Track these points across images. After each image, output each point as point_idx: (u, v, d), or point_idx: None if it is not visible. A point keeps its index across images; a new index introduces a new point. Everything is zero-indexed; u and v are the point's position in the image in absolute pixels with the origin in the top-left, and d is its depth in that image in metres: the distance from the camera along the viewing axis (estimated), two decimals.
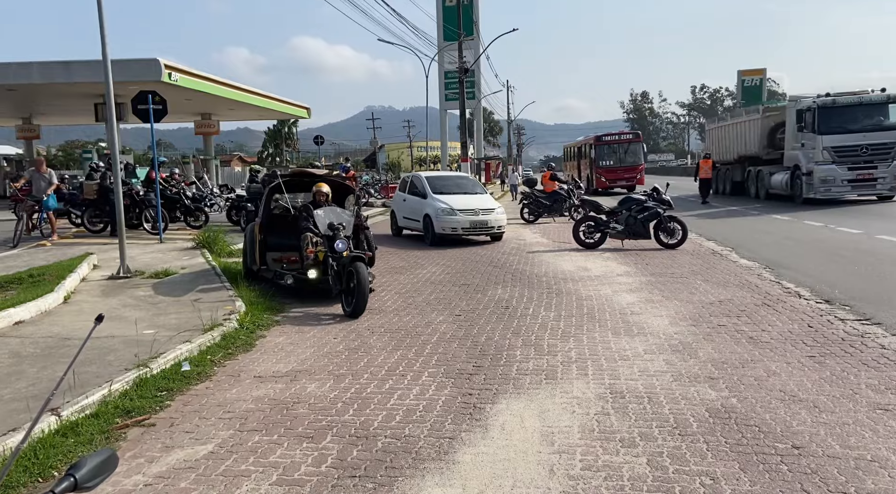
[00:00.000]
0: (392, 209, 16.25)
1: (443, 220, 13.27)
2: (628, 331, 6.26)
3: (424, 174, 15.74)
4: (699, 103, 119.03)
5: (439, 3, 42.09)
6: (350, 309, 7.14)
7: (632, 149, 31.91)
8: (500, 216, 13.59)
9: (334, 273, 7.51)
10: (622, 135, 33.91)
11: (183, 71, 20.19)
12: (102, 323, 1.54)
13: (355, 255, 7.38)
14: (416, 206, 14.30)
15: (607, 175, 31.43)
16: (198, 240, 12.04)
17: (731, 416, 4.11)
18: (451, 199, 13.67)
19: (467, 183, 15.61)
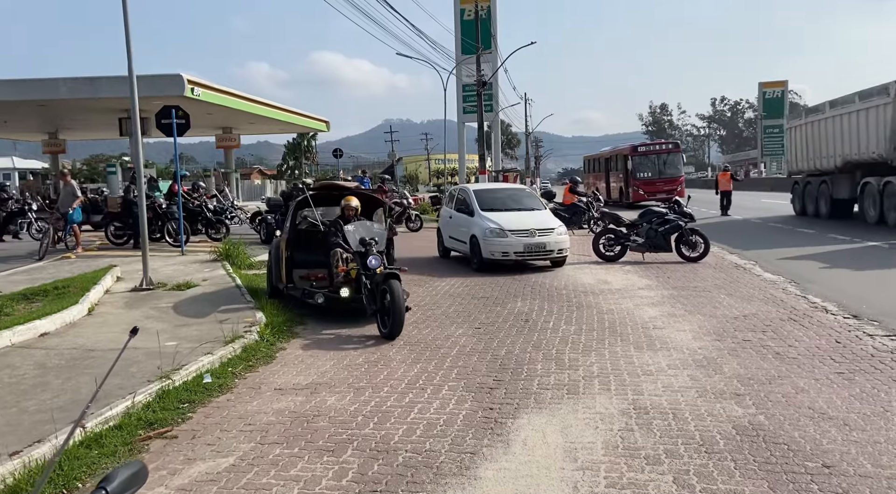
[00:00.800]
0: (438, 227, 14.21)
1: (491, 243, 11.14)
2: (651, 346, 6.18)
3: (473, 186, 13.72)
4: (719, 115, 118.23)
5: (457, 18, 42.35)
6: (387, 331, 6.70)
7: (671, 159, 29.94)
8: (561, 237, 11.41)
9: (368, 291, 7.08)
10: (660, 144, 31.85)
11: (205, 85, 20.53)
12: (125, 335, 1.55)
13: (389, 272, 6.93)
14: (463, 225, 12.27)
15: (645, 187, 29.28)
16: (218, 253, 12.15)
17: (759, 434, 4.02)
18: (501, 217, 11.50)
19: (522, 197, 13.26)
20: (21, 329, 6.75)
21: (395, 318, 6.63)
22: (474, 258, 11.57)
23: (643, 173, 29.62)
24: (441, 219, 14.29)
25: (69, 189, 13.47)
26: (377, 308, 6.92)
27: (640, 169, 29.73)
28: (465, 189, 13.27)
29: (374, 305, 6.98)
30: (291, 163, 71.49)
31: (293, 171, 68.54)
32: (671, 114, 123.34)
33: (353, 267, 7.45)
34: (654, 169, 29.69)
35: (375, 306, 6.95)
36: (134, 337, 1.56)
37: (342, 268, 7.55)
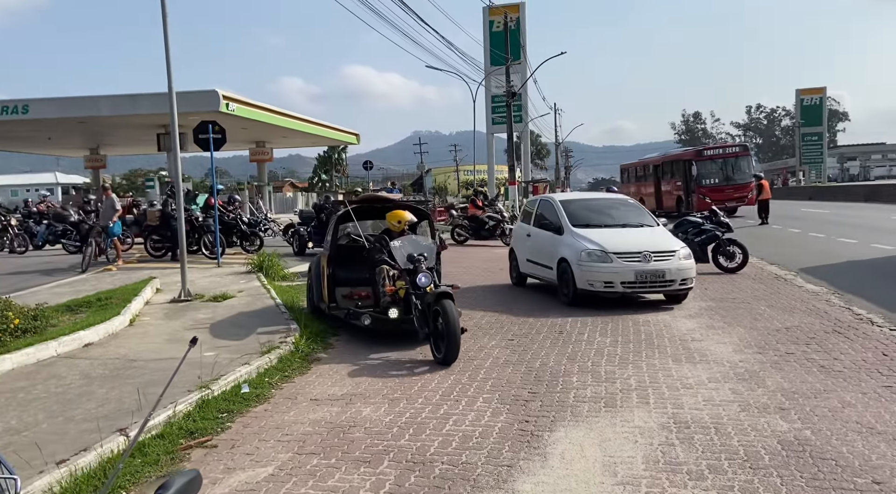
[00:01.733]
0: (510, 248, 11.74)
1: (590, 270, 8.57)
2: (690, 358, 6.06)
3: (559, 197, 11.18)
4: (755, 123, 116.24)
5: (486, 29, 42.56)
6: (441, 356, 6.12)
7: (739, 163, 27.44)
8: (685, 264, 8.62)
9: (419, 312, 6.51)
10: (727, 148, 29.28)
11: (239, 101, 20.96)
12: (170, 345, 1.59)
13: (442, 291, 6.35)
14: (547, 245, 9.75)
15: (712, 194, 26.01)
16: (253, 265, 12.34)
17: (806, 449, 3.91)
18: (601, 236, 8.97)
19: (626, 209, 10.39)
20: (66, 339, 6.94)
21: (451, 343, 6.03)
22: (564, 288, 9.04)
23: (710, 179, 26.93)
24: (515, 238, 11.66)
25: (109, 202, 13.85)
26: (430, 331, 6.35)
27: (705, 175, 27.10)
28: (548, 200, 10.74)
29: (426, 328, 6.41)
30: (323, 176, 72.42)
31: (324, 184, 69.40)
32: (705, 122, 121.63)
33: (402, 286, 6.87)
34: (722, 174, 27.11)
35: (428, 329, 6.37)
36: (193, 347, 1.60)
37: (390, 288, 6.99)
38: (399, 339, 7.01)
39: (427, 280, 6.60)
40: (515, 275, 11.24)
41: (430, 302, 6.33)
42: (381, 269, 7.22)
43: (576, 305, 8.73)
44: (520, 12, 42.72)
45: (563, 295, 9.15)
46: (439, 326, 6.18)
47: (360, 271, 7.89)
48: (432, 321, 6.29)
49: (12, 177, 78.80)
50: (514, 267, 11.26)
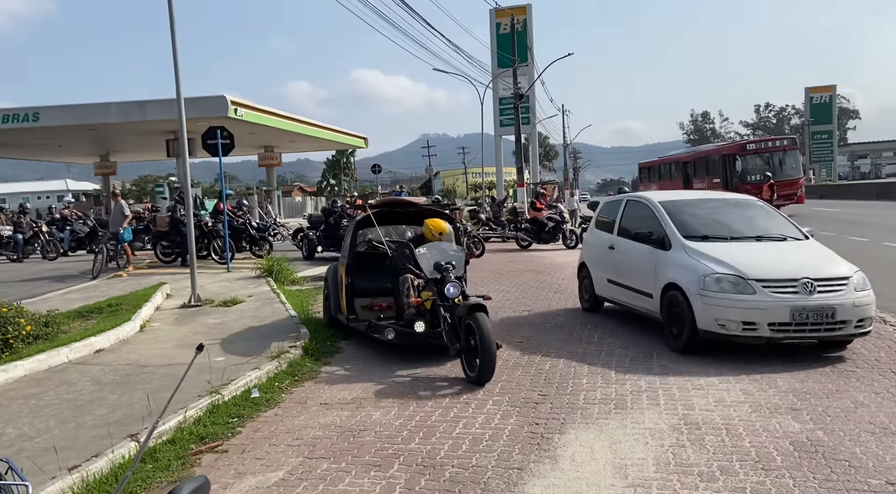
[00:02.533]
0: (581, 261, 9.03)
1: (718, 302, 5.97)
2: (701, 359, 6.02)
3: (657, 196, 7.88)
4: (764, 122, 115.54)
5: (493, 32, 42.61)
6: (475, 375, 5.56)
7: (788, 157, 25.40)
8: (861, 295, 6.00)
9: (449, 326, 5.95)
10: (774, 141, 27.12)
11: (248, 106, 21.06)
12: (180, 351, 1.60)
13: (475, 304, 5.77)
14: (643, 264, 7.09)
15: (758, 192, 25.85)
16: (263, 269, 12.39)
17: (818, 450, 3.88)
18: (732, 253, 6.39)
19: (756, 214, 7.55)
20: (77, 345, 6.99)
21: (486, 360, 5.46)
22: (674, 326, 6.37)
23: (755, 175, 24.55)
24: (588, 249, 8.99)
25: (119, 208, 13.94)
26: (462, 347, 5.77)
27: (750, 170, 24.83)
28: (641, 201, 7.81)
29: (457, 343, 5.83)
30: (331, 180, 72.68)
31: (333, 188, 69.64)
32: (713, 121, 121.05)
33: (428, 297, 6.31)
34: (769, 170, 24.86)
35: (459, 345, 5.80)
36: (199, 354, 1.61)
37: (416, 300, 6.41)
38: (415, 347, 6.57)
39: (456, 290, 6.06)
40: (588, 299, 8.63)
41: (461, 315, 5.77)
42: (406, 278, 6.71)
43: (689, 350, 6.13)
44: (526, 14, 42.78)
45: (670, 337, 6.47)
46: (472, 342, 5.62)
47: (380, 280, 7.37)
48: (464, 336, 5.74)
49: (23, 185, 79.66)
50: (585, 287, 8.70)
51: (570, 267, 12.07)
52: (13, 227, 18.61)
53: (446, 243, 6.86)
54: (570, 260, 14.69)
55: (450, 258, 6.44)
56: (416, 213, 7.80)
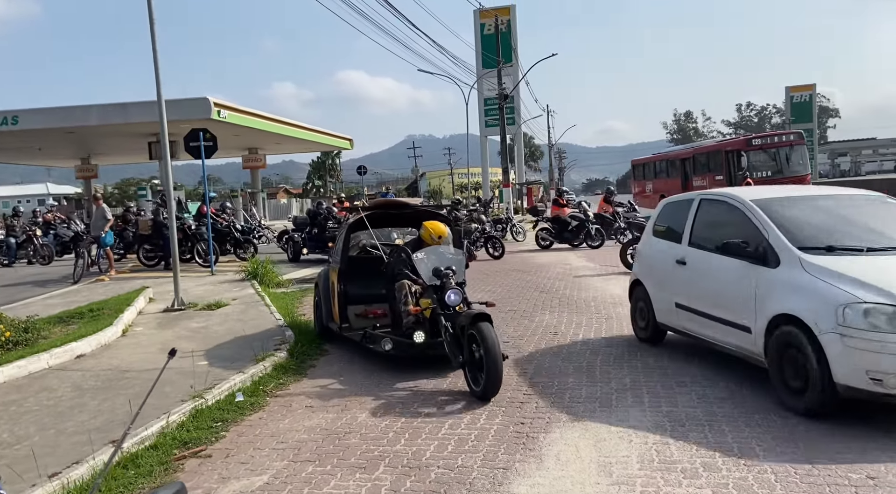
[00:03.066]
0: (636, 278, 7.10)
1: (871, 343, 4.02)
2: (686, 356, 6.07)
3: (749, 194, 5.84)
4: (746, 121, 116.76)
5: (478, 32, 42.71)
6: (480, 389, 5.15)
7: (794, 153, 24.18)
8: None
9: (451, 336, 5.55)
10: (780, 136, 25.60)
11: (231, 108, 20.94)
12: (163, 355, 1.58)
13: (479, 313, 5.39)
14: (731, 283, 5.28)
15: None
16: (247, 272, 12.31)
17: (800, 444, 3.92)
18: (877, 270, 4.42)
19: (887, 214, 5.52)
20: (58, 351, 6.90)
21: (492, 374, 5.07)
22: (795, 378, 4.46)
23: (761, 172, 23.37)
24: (642, 263, 7.10)
25: (100, 212, 13.79)
26: (465, 359, 5.36)
27: (756, 167, 23.53)
28: (727, 199, 5.83)
29: (460, 355, 5.42)
30: (317, 182, 72.43)
31: (318, 189, 69.40)
32: (696, 121, 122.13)
33: (428, 305, 5.94)
34: (775, 166, 23.71)
35: (462, 356, 5.39)
36: (172, 359, 1.59)
37: (415, 309, 6.02)
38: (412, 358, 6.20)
39: (457, 297, 5.70)
40: (645, 326, 6.77)
41: (463, 324, 5.39)
42: (403, 285, 6.29)
43: (824, 415, 4.32)
44: (510, 15, 42.92)
45: (783, 391, 4.60)
46: (476, 354, 5.23)
47: (374, 286, 6.98)
48: (467, 347, 5.34)
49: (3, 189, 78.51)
50: (641, 311, 6.85)
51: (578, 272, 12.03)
52: (6, 231, 18.34)
53: (445, 247, 6.41)
54: (583, 263, 14.78)
55: (449, 263, 6.04)
56: (412, 215, 7.49)
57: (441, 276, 5.85)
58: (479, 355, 5.19)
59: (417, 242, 6.59)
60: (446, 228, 6.57)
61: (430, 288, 5.93)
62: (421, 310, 5.97)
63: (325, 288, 7.41)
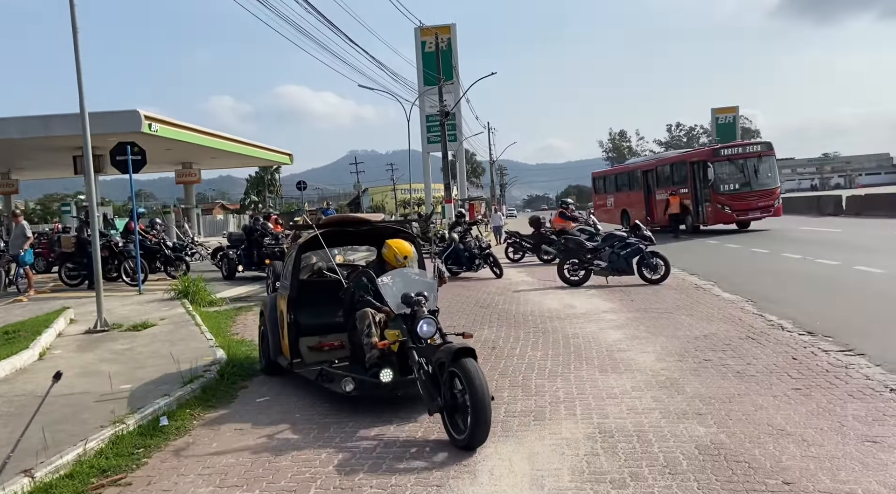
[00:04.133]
0: None
1: None
2: (615, 368, 6.21)
3: None
4: (675, 141, 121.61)
5: (419, 50, 43.03)
6: (464, 438, 4.36)
7: (763, 165, 23.00)
8: None
9: (426, 376, 4.77)
10: (749, 146, 24.16)
11: (163, 121, 20.31)
12: (83, 380, 1.50)
13: (461, 347, 4.60)
14: None
15: (733, 203, 22.46)
16: (178, 290, 11.89)
17: (721, 453, 4.05)
18: None
19: None
20: None
21: (479, 419, 4.30)
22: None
23: (728, 185, 22.66)
24: None
25: (20, 230, 13.09)
26: (443, 402, 4.58)
27: (724, 179, 22.65)
28: None
29: (438, 397, 4.62)
30: (255, 197, 71.01)
31: (257, 205, 68.03)
32: (630, 140, 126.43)
33: (396, 338, 5.14)
34: (742, 178, 22.73)
35: (442, 399, 4.60)
36: (58, 382, 1.51)
37: (382, 343, 5.18)
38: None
39: (431, 328, 4.97)
40: None
41: (442, 360, 4.64)
42: (365, 314, 5.49)
43: None
44: (451, 33, 43.47)
45: None
46: (458, 396, 4.51)
47: (329, 314, 6.28)
48: (447, 388, 4.60)
49: None
50: None
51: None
52: None
53: (411, 269, 5.75)
54: (522, 278, 14.85)
55: (420, 288, 5.28)
56: (371, 233, 6.68)
57: (412, 304, 5.10)
58: (461, 397, 4.46)
59: (380, 264, 5.89)
60: (411, 247, 5.91)
61: (399, 317, 5.16)
62: (389, 344, 5.15)
63: (273, 317, 6.57)
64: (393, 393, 5.22)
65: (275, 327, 6.52)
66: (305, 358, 6.23)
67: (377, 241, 6.39)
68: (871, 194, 30.70)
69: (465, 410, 4.39)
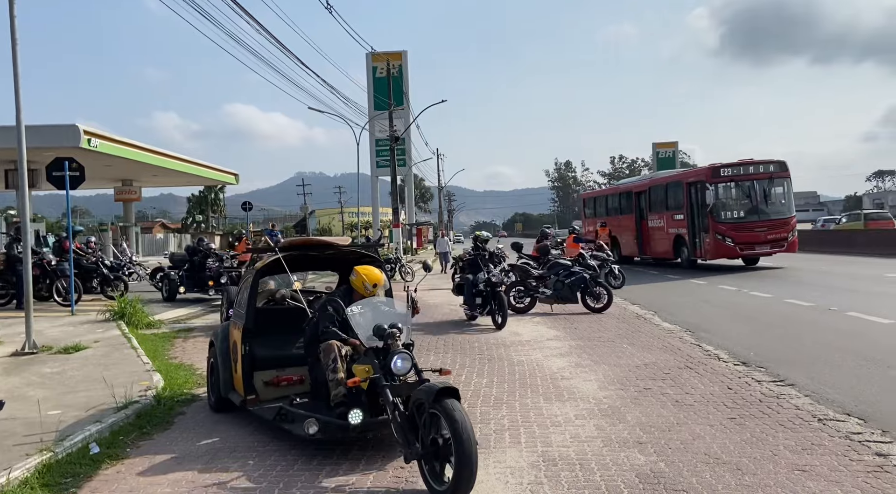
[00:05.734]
0: None
1: None
2: (559, 396, 6.30)
3: None
4: (618, 173, 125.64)
5: (370, 75, 43.30)
6: (447, 489, 3.94)
7: (775, 189, 18.88)
8: None
9: (401, 417, 4.34)
10: (758, 166, 19.13)
11: (104, 136, 19.70)
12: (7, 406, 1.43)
13: (445, 387, 4.16)
14: None
15: (737, 234, 18.33)
16: (113, 311, 11.43)
17: (660, 481, 4.15)
18: None
19: None
20: None
21: (464, 467, 3.86)
22: None
23: (731, 212, 18.81)
24: None
25: None
26: (422, 449, 4.15)
27: (726, 205, 18.86)
28: None
29: (416, 443, 4.20)
30: (198, 217, 69.24)
31: (199, 225, 66.32)
32: (575, 170, 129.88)
33: (366, 374, 4.64)
34: (750, 205, 18.70)
35: (421, 445, 4.17)
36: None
37: (352, 381, 4.67)
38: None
39: (406, 364, 4.55)
40: None
41: (420, 401, 4.22)
42: (331, 346, 5.04)
43: None
44: (402, 60, 44.02)
45: None
46: (440, 442, 4.07)
47: (286, 345, 5.89)
48: (426, 430, 4.17)
49: None
50: None
51: None
52: None
53: (380, 298, 5.31)
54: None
55: (393, 319, 4.88)
56: (336, 258, 6.20)
57: (384, 336, 4.67)
58: (442, 441, 4.04)
59: (346, 291, 5.47)
60: (382, 274, 5.47)
61: (371, 351, 4.73)
62: (359, 382, 4.65)
63: (225, 349, 6.10)
64: (362, 437, 4.85)
65: (226, 359, 6.05)
66: (261, 394, 5.74)
67: (342, 267, 5.93)
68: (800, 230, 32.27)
69: (447, 457, 4.01)
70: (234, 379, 5.96)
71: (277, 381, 5.84)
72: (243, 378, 5.73)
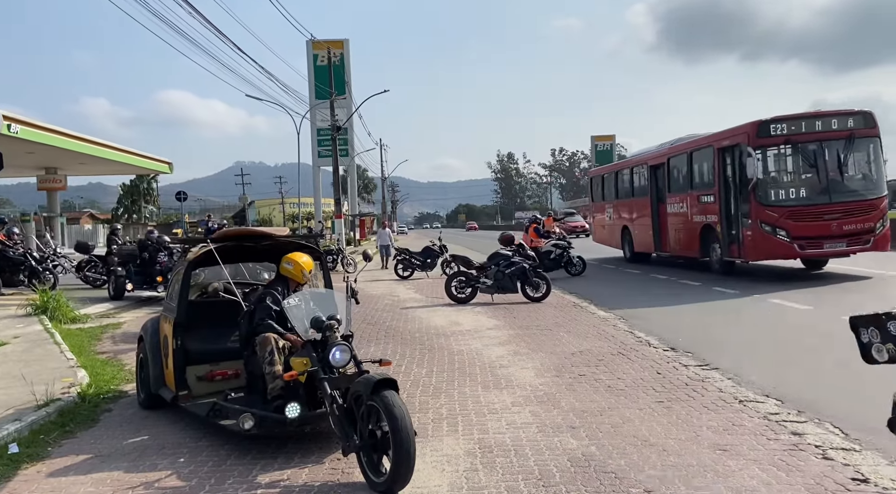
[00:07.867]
0: None
1: None
2: (497, 384, 6.39)
3: None
4: (559, 165, 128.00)
5: (310, 63, 42.54)
6: (384, 482, 3.94)
7: (855, 155, 12.72)
8: None
9: (340, 410, 4.30)
10: (826, 119, 12.73)
11: (25, 122, 18.63)
12: None
13: (382, 378, 4.17)
14: None
15: (796, 224, 12.36)
16: (35, 306, 10.88)
17: (591, 464, 4.27)
18: None
19: None
20: None
21: (401, 460, 3.87)
22: None
23: (786, 190, 12.86)
24: None
25: None
26: (360, 442, 4.14)
27: (777, 180, 13.19)
28: None
29: (354, 436, 4.18)
30: (131, 206, 66.59)
31: (130, 215, 63.83)
32: (517, 162, 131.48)
33: (303, 367, 4.57)
34: (816, 179, 12.67)
35: (359, 438, 4.16)
36: None
37: (288, 375, 4.59)
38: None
39: (344, 356, 4.48)
40: None
41: (359, 393, 4.18)
42: (267, 339, 4.95)
43: None
44: (344, 48, 43.44)
45: None
46: (378, 433, 4.06)
47: (220, 339, 5.76)
48: (364, 423, 4.15)
49: None
50: None
51: None
52: None
53: (319, 290, 5.29)
54: (410, 295, 14.82)
55: (332, 310, 4.81)
56: (273, 249, 6.03)
57: (323, 328, 4.58)
58: (380, 433, 4.03)
59: (281, 281, 5.35)
60: (309, 260, 5.39)
61: (309, 343, 4.64)
62: (296, 375, 4.56)
63: (155, 344, 5.92)
64: (300, 431, 4.76)
65: (157, 354, 5.86)
66: (194, 389, 5.58)
67: (279, 258, 5.73)
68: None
69: (385, 449, 3.98)
70: (165, 374, 5.78)
71: (211, 376, 5.68)
72: (175, 373, 5.55)
